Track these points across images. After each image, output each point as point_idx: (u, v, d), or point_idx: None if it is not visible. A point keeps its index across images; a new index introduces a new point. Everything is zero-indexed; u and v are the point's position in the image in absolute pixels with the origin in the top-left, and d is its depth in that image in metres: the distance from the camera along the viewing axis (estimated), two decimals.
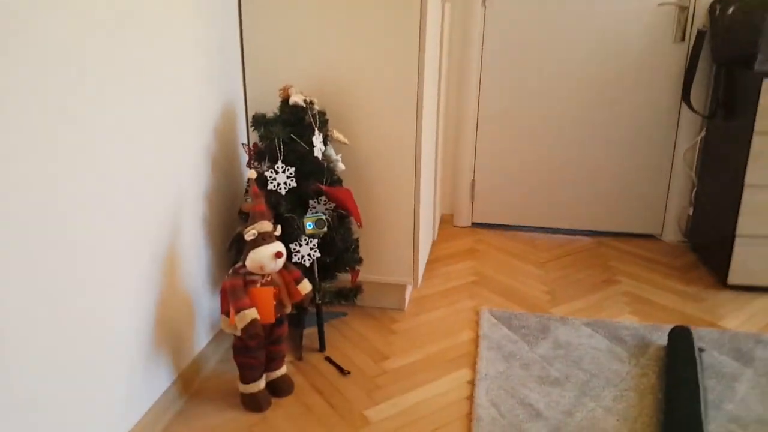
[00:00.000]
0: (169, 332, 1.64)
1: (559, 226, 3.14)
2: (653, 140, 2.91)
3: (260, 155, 1.85)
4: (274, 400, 1.73)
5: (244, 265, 1.59)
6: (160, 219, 1.55)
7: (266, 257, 1.55)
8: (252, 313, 1.52)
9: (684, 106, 2.81)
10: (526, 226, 3.19)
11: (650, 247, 2.93)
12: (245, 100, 2.06)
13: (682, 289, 2.47)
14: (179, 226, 1.66)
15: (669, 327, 2.12)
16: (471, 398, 1.75)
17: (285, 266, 1.67)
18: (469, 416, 1.67)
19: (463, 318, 2.21)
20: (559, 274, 2.61)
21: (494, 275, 2.60)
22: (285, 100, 1.87)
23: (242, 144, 1.96)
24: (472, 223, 3.23)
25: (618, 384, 1.80)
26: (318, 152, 1.84)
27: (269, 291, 1.58)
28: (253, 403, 1.67)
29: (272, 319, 1.59)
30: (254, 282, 1.58)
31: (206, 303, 1.87)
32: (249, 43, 2.01)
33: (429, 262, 2.73)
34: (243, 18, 1.99)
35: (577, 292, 2.44)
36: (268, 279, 1.61)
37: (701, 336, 2.08)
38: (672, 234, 2.99)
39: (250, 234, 1.56)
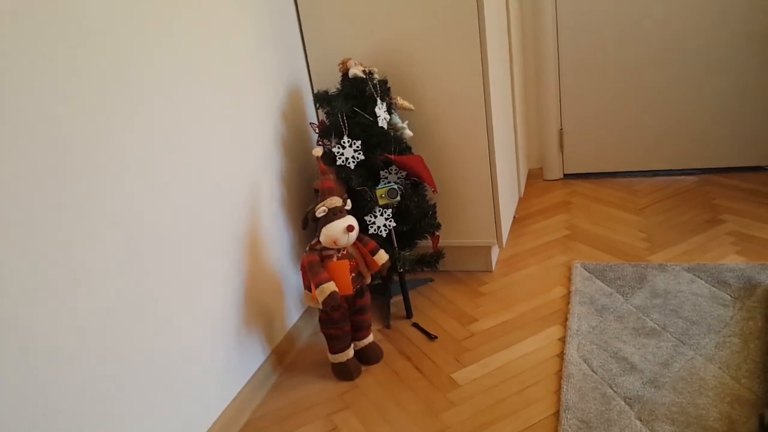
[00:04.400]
0: (260, 310, 1.73)
1: (658, 168, 2.95)
2: (754, 65, 2.64)
3: (326, 132, 1.88)
4: (363, 367, 1.78)
5: (319, 241, 1.64)
6: (238, 205, 1.63)
7: (338, 231, 1.59)
8: (330, 286, 1.57)
9: None
10: (623, 172, 3.02)
11: (760, 180, 2.68)
12: (310, 79, 2.10)
13: None
14: (258, 209, 1.73)
15: None
16: (561, 355, 1.71)
17: (360, 238, 1.70)
18: (560, 374, 1.64)
19: (554, 274, 2.15)
20: (659, 219, 2.46)
21: (588, 227, 2.49)
22: (345, 74, 1.88)
23: (310, 123, 2.01)
24: (564, 175, 3.11)
25: (721, 330, 1.68)
26: (382, 122, 1.84)
27: (345, 264, 1.62)
28: (344, 372, 1.73)
29: (351, 291, 1.63)
30: (330, 256, 1.62)
31: (294, 280, 1.95)
32: (307, 21, 2.03)
33: (518, 220, 2.67)
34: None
35: (678, 236, 2.29)
36: (344, 252, 1.65)
37: None
38: None
39: (320, 211, 1.60)
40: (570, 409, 1.49)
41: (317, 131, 1.92)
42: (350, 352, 1.74)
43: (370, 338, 1.80)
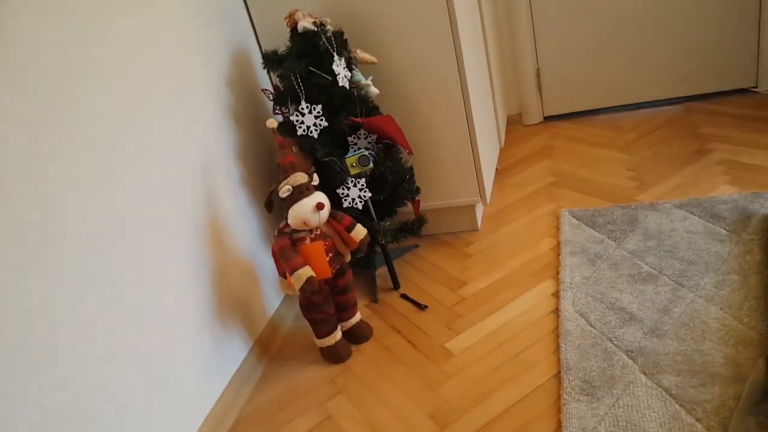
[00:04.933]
0: (235, 302, 1.63)
1: (642, 101, 2.84)
2: None
3: (281, 98, 1.74)
4: (353, 347, 1.70)
5: (288, 224, 1.53)
6: (192, 192, 1.51)
7: (307, 211, 1.48)
8: (306, 272, 1.47)
9: None
10: (606, 108, 2.90)
11: (746, 103, 2.58)
12: (257, 39, 1.95)
13: None
14: (216, 193, 1.62)
15: None
16: (557, 311, 1.63)
17: (333, 215, 1.60)
18: (557, 331, 1.56)
19: (542, 225, 2.06)
20: (646, 154, 2.37)
21: (574, 171, 2.39)
22: (294, 29, 1.73)
23: (262, 90, 1.86)
24: (544, 118, 2.99)
25: (719, 268, 1.61)
26: (343, 80, 1.71)
27: (320, 245, 1.52)
28: (333, 355, 1.65)
29: (329, 274, 1.54)
30: (303, 239, 1.52)
31: (269, 264, 1.85)
32: None
33: (500, 172, 2.57)
34: None
35: (667, 170, 2.20)
36: (318, 233, 1.55)
37: None
38: None
39: (284, 190, 1.49)
40: (571, 369, 1.42)
41: (271, 98, 1.79)
42: (338, 335, 1.66)
43: (358, 317, 1.72)
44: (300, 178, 1.51)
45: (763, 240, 1.66)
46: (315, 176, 1.56)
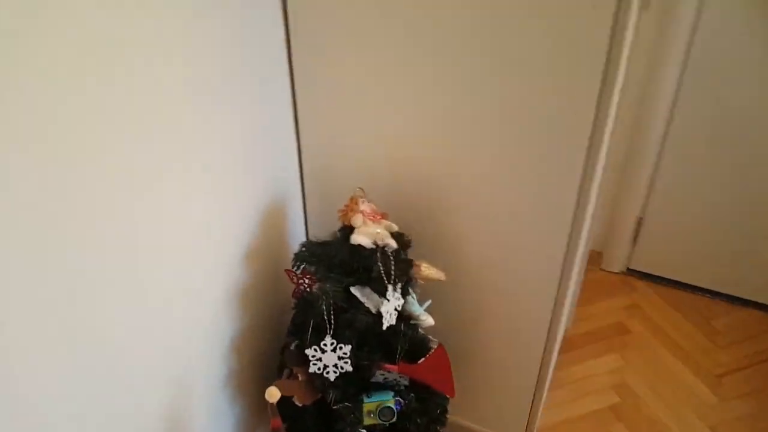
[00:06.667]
0: None
1: (748, 297, 2.28)
2: None
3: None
4: None
5: None
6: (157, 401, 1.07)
7: None
8: None
9: None
10: (702, 288, 2.35)
11: None
12: (302, 186, 1.45)
13: None
14: (189, 400, 1.18)
15: None
16: None
17: None
18: None
19: None
20: (738, 409, 1.86)
21: (643, 396, 1.90)
22: (347, 227, 1.24)
23: (285, 270, 1.37)
24: (628, 269, 2.45)
25: None
26: (389, 321, 1.22)
27: None
28: None
29: None
30: None
31: None
32: (305, 127, 1.36)
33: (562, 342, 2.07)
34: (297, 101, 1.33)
35: None
36: None
37: None
38: None
39: None
40: None
41: (294, 281, 1.31)
42: None
43: None
44: None
45: None
46: None
